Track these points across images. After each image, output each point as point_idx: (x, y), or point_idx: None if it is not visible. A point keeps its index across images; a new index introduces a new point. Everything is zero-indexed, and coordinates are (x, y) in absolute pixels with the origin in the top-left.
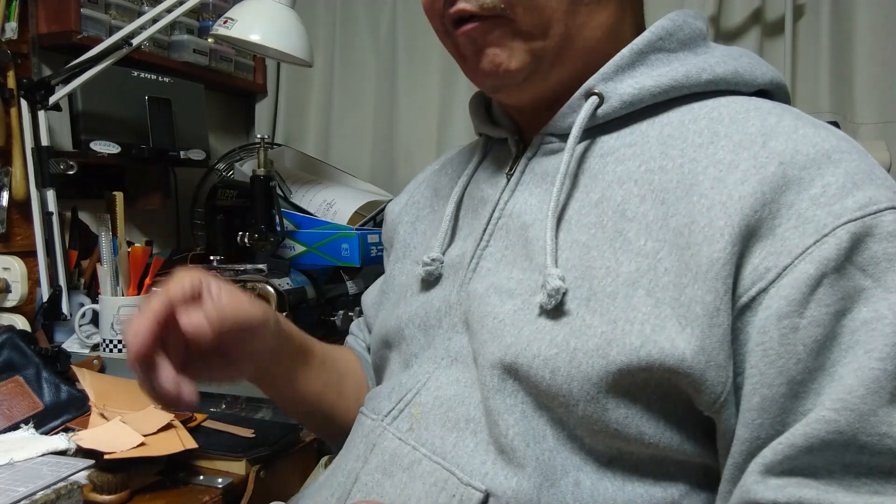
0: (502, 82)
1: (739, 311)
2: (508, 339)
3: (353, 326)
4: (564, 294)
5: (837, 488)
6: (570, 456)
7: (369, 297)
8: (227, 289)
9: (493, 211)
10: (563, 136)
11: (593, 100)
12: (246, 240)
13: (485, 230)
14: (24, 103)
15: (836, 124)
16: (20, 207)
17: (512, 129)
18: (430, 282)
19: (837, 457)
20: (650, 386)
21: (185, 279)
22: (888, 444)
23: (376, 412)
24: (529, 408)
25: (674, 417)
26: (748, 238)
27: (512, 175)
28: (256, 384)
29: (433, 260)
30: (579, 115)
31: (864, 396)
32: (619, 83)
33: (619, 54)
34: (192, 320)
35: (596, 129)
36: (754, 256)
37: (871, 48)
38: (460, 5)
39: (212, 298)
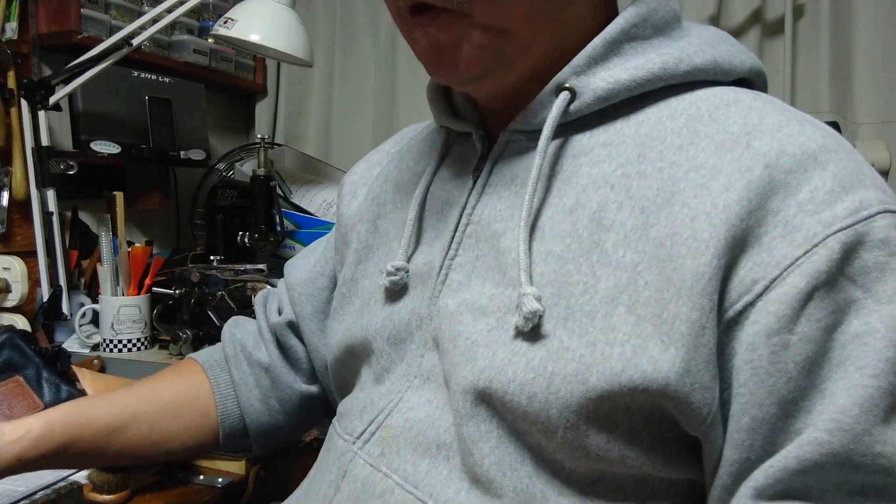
0: (457, 80)
1: (726, 326)
2: (482, 363)
3: (258, 301)
4: (541, 316)
5: None
6: (549, 481)
7: (301, 269)
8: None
9: (461, 216)
10: (533, 133)
11: (565, 95)
12: (246, 240)
13: (452, 238)
14: (24, 103)
15: (835, 124)
16: (20, 207)
17: (476, 123)
18: (396, 292)
19: (830, 476)
20: (632, 410)
21: None
22: (882, 463)
23: (349, 432)
24: (505, 434)
25: (657, 439)
26: (734, 249)
27: (479, 176)
28: None
29: (398, 269)
30: (550, 112)
31: (857, 416)
32: (592, 77)
33: (590, 44)
34: None
35: (567, 126)
36: (741, 268)
37: (871, 48)
38: None
39: None
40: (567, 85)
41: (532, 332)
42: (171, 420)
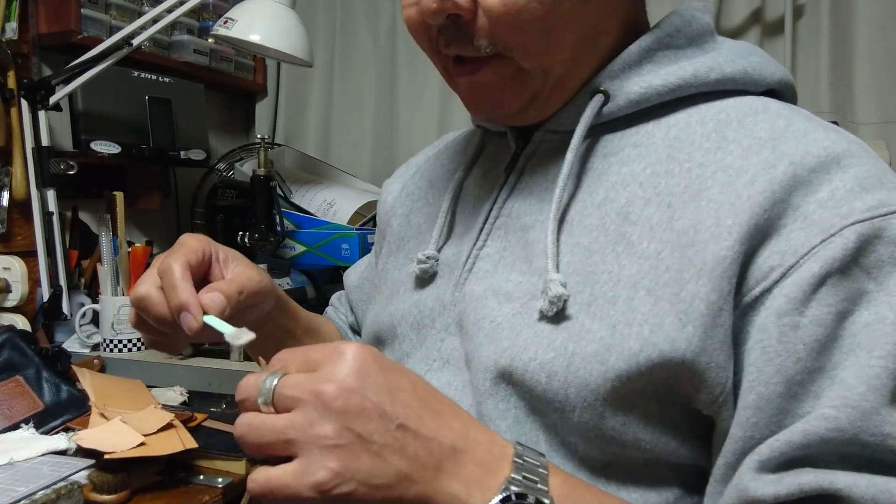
0: (497, 117)
1: (742, 311)
2: (505, 343)
3: (334, 298)
4: (566, 300)
5: (836, 470)
6: (563, 463)
7: (352, 277)
8: (233, 257)
9: (491, 210)
10: (566, 133)
11: (599, 98)
12: (246, 240)
13: (482, 230)
14: (24, 103)
15: (836, 124)
16: (20, 207)
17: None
18: (425, 280)
19: (836, 450)
20: (648, 392)
21: (195, 246)
22: (892, 444)
23: None
24: (522, 413)
25: (671, 422)
26: (755, 237)
27: (511, 173)
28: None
29: (428, 258)
30: (584, 114)
31: (864, 393)
32: (626, 81)
33: (626, 51)
34: (214, 299)
35: (599, 127)
36: (759, 256)
37: (871, 48)
38: (453, 50)
39: (220, 267)
40: (602, 88)
41: (556, 316)
42: None
